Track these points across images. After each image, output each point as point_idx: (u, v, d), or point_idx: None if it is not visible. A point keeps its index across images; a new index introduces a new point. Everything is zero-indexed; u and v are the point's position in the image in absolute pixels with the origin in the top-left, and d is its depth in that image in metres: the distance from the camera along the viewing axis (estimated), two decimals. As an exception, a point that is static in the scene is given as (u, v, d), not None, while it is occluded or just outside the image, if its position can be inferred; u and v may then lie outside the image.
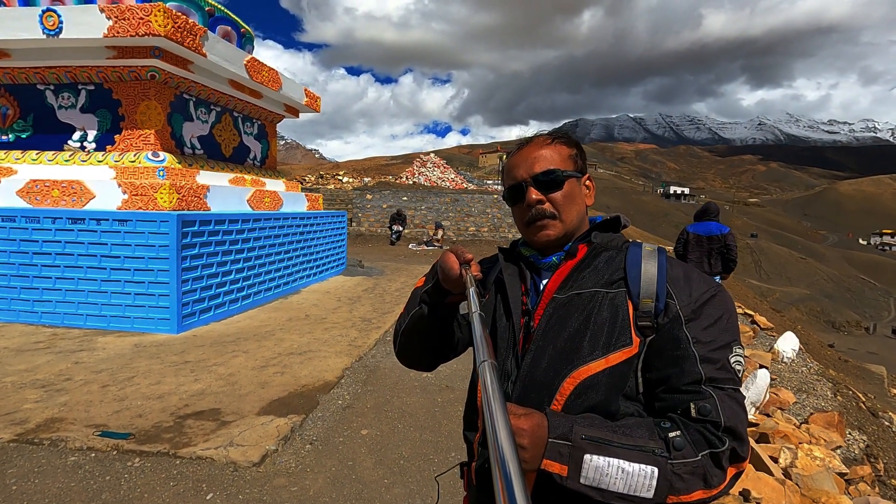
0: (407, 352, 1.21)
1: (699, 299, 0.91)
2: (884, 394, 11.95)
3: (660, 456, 0.79)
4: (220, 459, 2.92)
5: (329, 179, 25.70)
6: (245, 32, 8.21)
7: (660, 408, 0.88)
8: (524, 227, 1.04)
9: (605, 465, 0.78)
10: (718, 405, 0.83)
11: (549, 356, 0.93)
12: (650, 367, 0.90)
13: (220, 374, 4.23)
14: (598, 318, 0.91)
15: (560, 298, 0.96)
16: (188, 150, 7.02)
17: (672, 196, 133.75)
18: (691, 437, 0.81)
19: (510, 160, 1.07)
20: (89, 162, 6.22)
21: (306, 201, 9.53)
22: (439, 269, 1.05)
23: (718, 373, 0.86)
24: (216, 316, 6.07)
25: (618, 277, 0.95)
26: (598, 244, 1.00)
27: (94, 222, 5.45)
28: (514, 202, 1.05)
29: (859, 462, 3.40)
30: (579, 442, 0.79)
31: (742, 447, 0.83)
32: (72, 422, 3.30)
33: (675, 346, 0.88)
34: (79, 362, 4.43)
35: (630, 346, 0.89)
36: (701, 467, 0.80)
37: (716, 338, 0.88)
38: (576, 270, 0.98)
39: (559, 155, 1.02)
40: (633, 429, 0.82)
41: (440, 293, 1.07)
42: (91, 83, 6.36)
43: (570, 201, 1.01)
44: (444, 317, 1.10)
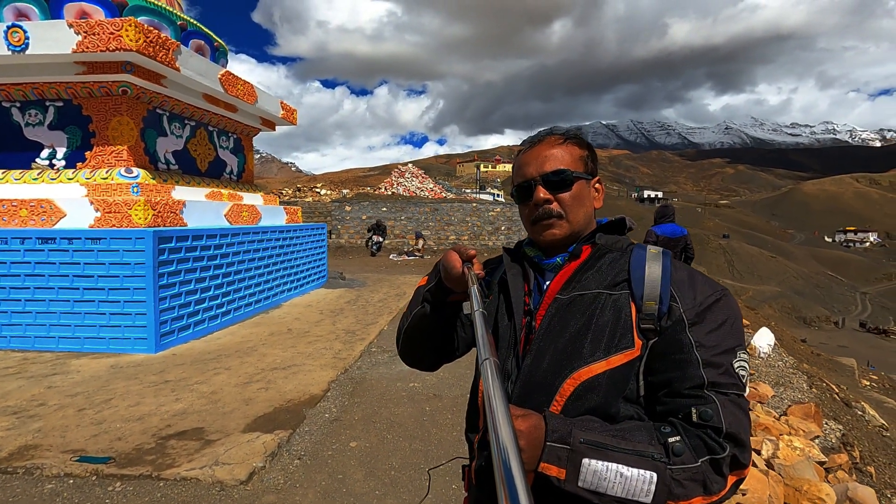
0: (409, 351, 1.21)
1: (703, 303, 0.90)
2: (855, 385, 12.36)
3: (659, 461, 0.78)
4: (206, 479, 2.85)
5: (307, 192, 25.48)
6: (218, 46, 8.14)
7: (661, 411, 0.87)
8: (530, 226, 1.04)
9: (604, 470, 0.77)
10: (720, 410, 0.82)
11: (550, 357, 0.92)
12: (652, 370, 0.89)
13: (203, 393, 4.14)
14: (601, 320, 0.91)
15: (562, 299, 0.95)
16: (163, 165, 6.89)
17: (646, 200, 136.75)
18: (691, 442, 0.80)
19: (521, 157, 1.06)
20: (59, 180, 6.05)
21: (285, 214, 9.43)
22: (441, 268, 1.04)
23: (721, 377, 0.85)
24: (195, 333, 5.93)
25: (621, 279, 0.94)
26: (603, 245, 0.99)
27: (65, 241, 5.30)
28: (521, 200, 1.04)
29: (836, 451, 3.52)
30: (578, 446, 0.78)
31: (743, 454, 0.82)
32: (47, 448, 3.18)
33: (677, 350, 0.87)
34: (52, 386, 4.27)
35: (632, 349, 0.89)
36: (700, 473, 0.79)
37: (719, 342, 0.87)
38: (579, 271, 0.98)
39: (570, 155, 1.01)
40: (633, 433, 0.82)
41: (443, 291, 1.06)
42: (59, 99, 6.21)
43: (577, 202, 1.00)
44: (446, 316, 1.10)
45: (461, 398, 4.11)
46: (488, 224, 18.22)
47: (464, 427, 1.15)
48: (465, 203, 18.48)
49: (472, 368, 1.12)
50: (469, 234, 18.19)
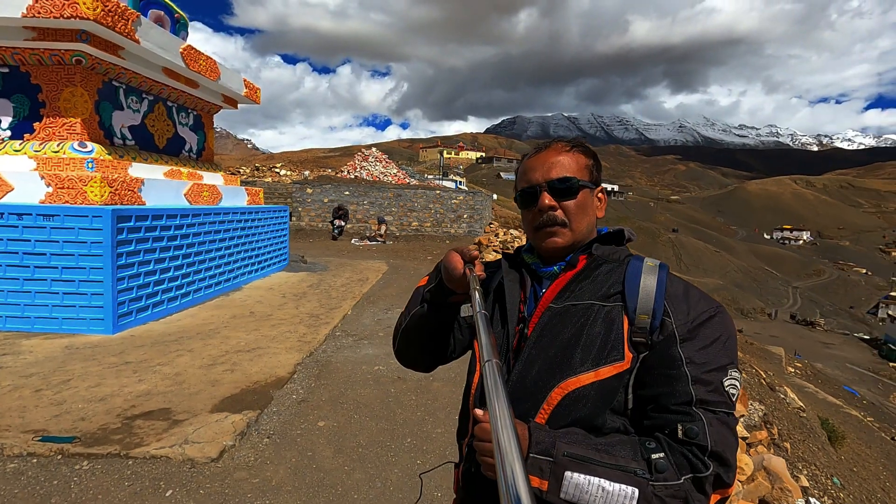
0: (406, 351, 1.20)
1: (696, 319, 0.89)
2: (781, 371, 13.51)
3: (641, 477, 0.78)
4: (177, 457, 2.92)
5: (266, 172, 24.80)
6: (179, 18, 7.83)
7: (647, 426, 0.87)
8: (532, 232, 1.03)
9: (586, 484, 0.77)
10: (707, 428, 0.82)
11: (540, 365, 0.92)
12: (642, 383, 0.89)
13: (166, 374, 4.14)
14: (592, 331, 0.91)
15: (555, 308, 0.95)
16: (118, 140, 6.63)
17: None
18: (675, 459, 0.81)
19: (527, 162, 1.05)
20: (4, 151, 5.73)
21: (246, 195, 9.25)
22: (443, 269, 1.04)
23: (710, 395, 0.84)
24: (154, 315, 5.83)
25: (615, 291, 0.94)
26: (599, 256, 0.99)
27: (14, 217, 5.07)
28: (525, 205, 1.03)
29: (758, 428, 3.96)
30: (561, 459, 0.79)
31: (728, 474, 0.82)
32: (6, 428, 3.13)
33: (667, 365, 0.87)
34: (3, 366, 4.15)
35: (622, 362, 0.88)
36: (683, 491, 0.79)
37: (710, 359, 0.87)
38: (574, 281, 0.98)
39: (576, 163, 1.01)
40: (617, 447, 0.82)
41: (443, 292, 1.06)
42: (5, 65, 5.85)
43: (581, 211, 1.00)
44: (445, 317, 1.09)
45: (424, 380, 4.30)
46: (451, 212, 18.40)
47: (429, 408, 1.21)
48: (428, 190, 18.56)
49: (462, 360, 1.17)
50: (431, 221, 18.32)
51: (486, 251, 10.76)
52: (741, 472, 2.68)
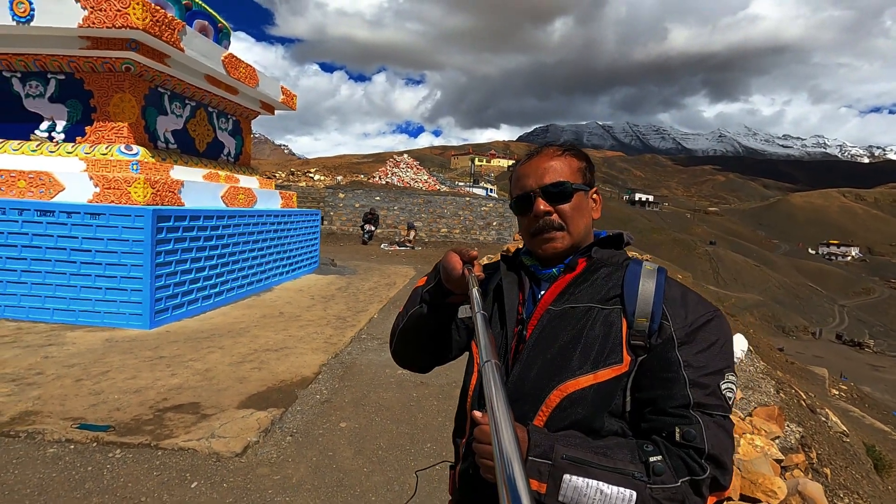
0: (403, 351, 1.20)
1: (694, 323, 0.90)
2: (824, 393, 12.83)
3: (639, 480, 0.78)
4: (203, 450, 3.00)
5: (300, 177, 25.42)
6: (222, 27, 8.16)
7: (645, 429, 0.87)
8: (530, 238, 1.03)
9: (584, 486, 0.78)
10: (704, 431, 0.82)
11: (538, 367, 0.92)
12: (639, 386, 0.89)
13: (197, 370, 4.27)
14: (591, 334, 0.91)
15: (554, 311, 0.96)
16: (162, 144, 6.94)
17: (637, 203, 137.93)
18: (672, 462, 0.81)
19: (519, 169, 1.06)
20: (58, 153, 6.09)
21: (280, 199, 9.51)
22: (442, 269, 1.04)
23: (707, 398, 0.85)
24: (189, 312, 6.04)
25: (614, 294, 0.94)
26: (598, 259, 0.99)
27: (64, 215, 5.36)
28: (521, 212, 1.03)
29: (795, 451, 3.76)
30: (560, 462, 0.79)
31: (724, 476, 0.82)
32: (47, 415, 3.30)
33: (665, 368, 0.87)
34: (49, 356, 4.37)
35: (620, 364, 0.89)
36: (680, 494, 0.79)
37: (708, 363, 0.87)
38: (573, 284, 0.98)
39: (569, 167, 1.01)
40: (615, 450, 0.82)
41: (442, 293, 1.05)
42: (61, 72, 6.23)
43: (577, 214, 1.00)
44: (443, 317, 1.09)
45: (447, 386, 4.29)
46: (480, 219, 18.39)
47: (450, 414, 1.18)
48: (458, 196, 18.62)
49: (462, 361, 1.17)
50: (460, 228, 18.35)
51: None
52: (773, 496, 2.57)
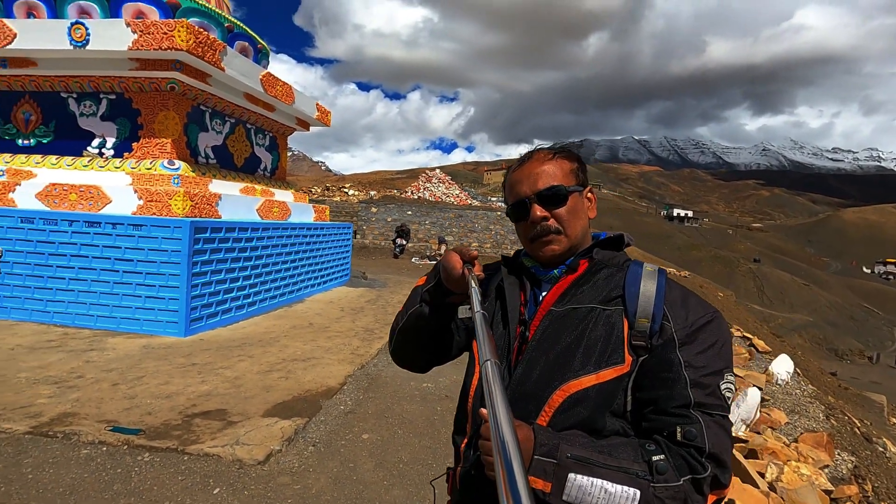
0: (402, 350, 1.20)
1: (695, 323, 0.91)
2: (883, 422, 11.92)
3: (642, 479, 0.80)
4: (227, 457, 3.03)
5: (335, 192, 26.01)
6: (261, 48, 8.50)
7: (646, 428, 0.89)
8: (529, 243, 1.04)
9: (589, 485, 0.79)
10: (704, 431, 0.83)
11: (541, 367, 0.93)
12: (641, 386, 0.90)
13: (227, 377, 4.35)
14: (593, 334, 0.92)
15: (557, 311, 0.97)
16: (202, 159, 7.23)
17: (675, 219, 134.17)
18: (674, 461, 0.82)
19: (512, 176, 1.06)
20: (107, 168, 6.43)
21: (313, 212, 9.72)
22: (441, 268, 1.04)
23: (708, 398, 0.86)
24: (222, 321, 6.20)
25: (616, 295, 0.95)
26: (600, 261, 1.00)
27: (109, 226, 5.63)
28: (517, 219, 1.04)
29: (847, 482, 3.48)
30: (565, 461, 0.80)
31: (724, 475, 0.84)
32: (84, 417, 3.42)
33: (666, 369, 0.88)
34: (90, 361, 4.56)
35: (622, 365, 0.90)
36: (682, 492, 0.81)
37: (708, 363, 0.88)
38: (575, 285, 0.99)
39: (561, 170, 1.02)
40: (618, 449, 0.83)
41: (442, 293, 1.06)
42: (112, 93, 6.61)
43: (574, 216, 1.01)
44: (443, 317, 1.09)
45: (472, 401, 4.21)
46: (512, 233, 18.26)
47: None
48: (489, 211, 18.58)
49: None
50: (492, 243, 18.27)
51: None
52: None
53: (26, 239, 5.78)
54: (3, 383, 3.91)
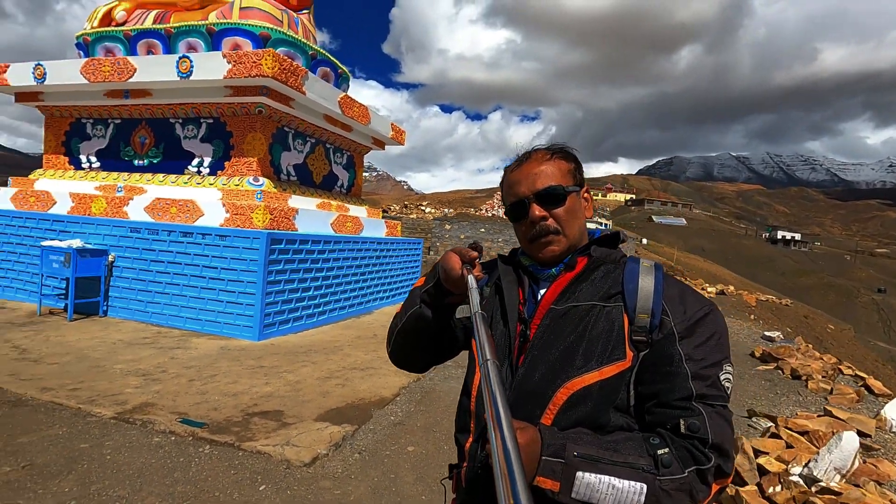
0: (401, 351, 1.21)
1: (693, 317, 0.92)
2: None
3: (648, 472, 0.80)
4: (276, 456, 3.16)
5: (412, 209, 26.79)
6: (342, 73, 9.05)
7: (650, 421, 0.89)
8: (527, 243, 1.05)
9: (597, 482, 0.79)
10: (707, 422, 0.84)
11: (544, 366, 0.94)
12: (642, 381, 0.91)
13: (288, 381, 4.57)
14: (594, 331, 0.93)
15: (558, 309, 0.97)
16: (284, 176, 7.79)
17: (780, 241, 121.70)
18: (679, 453, 0.83)
19: (510, 176, 1.07)
20: (203, 184, 7.14)
21: (385, 227, 10.05)
22: (441, 269, 1.05)
23: (709, 390, 0.87)
24: (293, 328, 6.55)
25: (615, 291, 0.96)
26: (597, 258, 1.01)
27: (199, 236, 6.21)
28: (516, 218, 1.05)
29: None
30: (572, 459, 0.80)
31: (727, 464, 0.85)
32: (160, 408, 3.75)
33: (667, 362, 0.89)
34: (174, 358, 5.01)
35: (624, 360, 0.90)
36: (687, 483, 0.81)
37: (707, 355, 0.89)
38: (574, 283, 0.99)
39: (559, 170, 1.03)
40: (623, 445, 0.84)
41: (441, 293, 1.07)
42: (210, 117, 7.36)
43: (572, 216, 1.02)
44: (442, 317, 1.10)
45: (525, 422, 4.06)
46: (588, 253, 17.63)
47: None
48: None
49: None
50: (566, 262, 17.74)
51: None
52: None
53: (133, 247, 6.54)
54: (101, 373, 4.41)
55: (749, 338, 8.93)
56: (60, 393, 3.87)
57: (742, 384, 5.78)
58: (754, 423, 4.40)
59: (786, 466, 3.20)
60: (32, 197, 7.70)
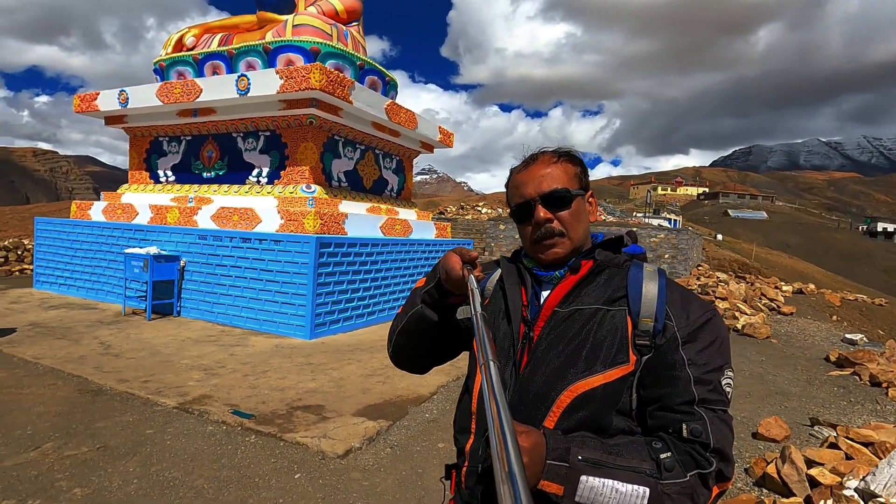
0: (401, 352, 1.21)
1: (695, 322, 0.93)
2: None
3: (651, 476, 0.81)
4: (313, 447, 3.36)
5: (469, 210, 26.91)
6: (389, 80, 9.32)
7: (652, 425, 0.91)
8: (531, 245, 1.05)
9: (600, 486, 0.80)
10: (709, 426, 0.86)
11: (548, 369, 0.95)
12: (645, 384, 0.92)
13: (333, 378, 4.81)
14: (598, 335, 0.94)
15: (561, 313, 0.98)
16: (335, 183, 8.16)
17: (879, 234, 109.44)
18: (681, 457, 0.84)
19: (516, 177, 1.08)
20: (261, 193, 7.65)
21: (435, 229, 10.22)
22: (441, 269, 1.05)
23: (710, 394, 0.89)
24: (343, 328, 6.85)
25: (619, 295, 0.96)
26: (601, 261, 1.01)
27: (257, 241, 6.67)
28: (521, 220, 1.06)
29: None
30: (576, 464, 0.81)
31: (728, 468, 0.86)
32: (216, 399, 4.09)
33: (670, 367, 0.91)
34: (233, 354, 5.42)
35: (627, 364, 0.92)
36: (689, 487, 0.82)
37: (709, 360, 0.91)
38: (578, 286, 1.00)
39: (566, 174, 1.03)
40: (627, 449, 0.85)
41: (441, 293, 1.07)
42: (267, 130, 7.86)
43: (577, 219, 1.02)
44: (442, 318, 1.10)
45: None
46: (649, 251, 16.85)
47: None
48: (622, 227, 17.42)
49: None
50: (626, 261, 17.09)
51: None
52: None
53: (201, 252, 7.13)
54: (169, 367, 4.87)
55: (826, 340, 8.19)
56: (134, 384, 4.33)
57: (810, 390, 5.34)
58: (816, 432, 4.07)
59: (840, 479, 2.95)
60: (119, 209, 8.62)
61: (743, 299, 9.68)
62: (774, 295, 10.99)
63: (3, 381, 4.31)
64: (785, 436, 3.89)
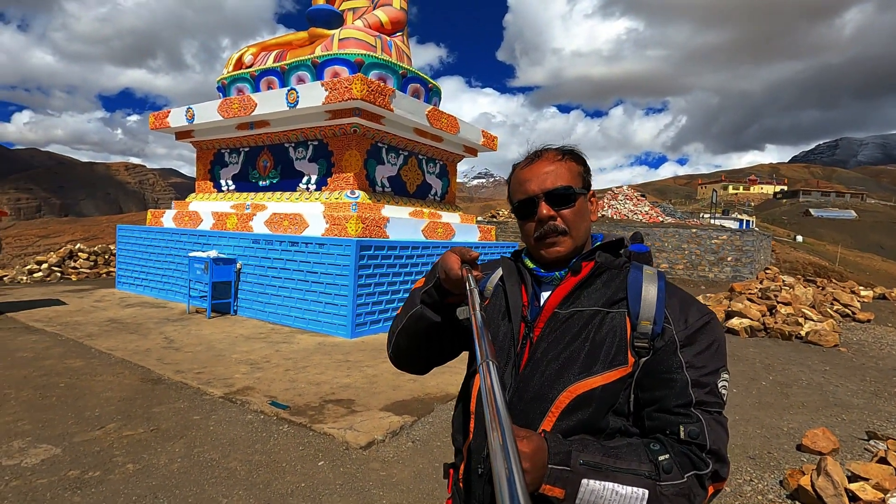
0: (401, 352, 1.20)
1: (693, 325, 0.95)
2: None
3: (650, 478, 0.83)
4: (339, 438, 3.55)
5: (521, 213, 26.70)
6: (432, 87, 9.54)
7: (649, 426, 0.93)
8: (533, 242, 1.05)
9: (601, 489, 0.82)
10: (705, 428, 0.88)
11: (548, 370, 0.96)
12: (643, 386, 0.94)
13: (367, 374, 5.02)
14: (598, 336, 0.95)
15: (561, 314, 0.99)
16: (379, 188, 8.46)
17: None
18: (678, 459, 0.86)
19: (519, 174, 1.08)
20: (310, 200, 8.08)
21: (478, 232, 10.29)
22: (440, 269, 1.05)
23: (707, 396, 0.91)
24: (384, 327, 7.08)
25: (619, 298, 0.98)
26: (602, 263, 1.01)
27: (304, 245, 7.06)
28: (523, 216, 1.06)
29: None
30: (578, 467, 0.82)
31: (723, 469, 0.89)
32: (257, 391, 4.40)
33: (668, 369, 0.92)
34: (278, 351, 5.78)
35: (625, 366, 0.93)
36: (686, 488, 0.85)
37: (707, 363, 0.93)
38: (579, 287, 1.00)
39: (570, 171, 1.04)
40: (625, 451, 0.87)
41: (440, 293, 1.07)
42: (315, 139, 8.30)
43: (579, 218, 1.03)
44: (441, 318, 1.10)
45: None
46: (710, 253, 15.95)
47: None
48: (682, 228, 16.60)
49: None
50: (685, 263, 16.26)
51: (738, 299, 8.94)
52: None
53: (255, 255, 7.64)
54: (220, 360, 5.28)
55: (907, 350, 7.41)
56: (188, 375, 4.75)
57: (875, 403, 4.90)
58: (871, 447, 3.75)
59: (883, 496, 2.73)
60: (186, 217, 9.40)
61: (810, 305, 8.97)
62: (849, 300, 10.08)
63: (81, 369, 4.87)
64: (832, 448, 3.62)
